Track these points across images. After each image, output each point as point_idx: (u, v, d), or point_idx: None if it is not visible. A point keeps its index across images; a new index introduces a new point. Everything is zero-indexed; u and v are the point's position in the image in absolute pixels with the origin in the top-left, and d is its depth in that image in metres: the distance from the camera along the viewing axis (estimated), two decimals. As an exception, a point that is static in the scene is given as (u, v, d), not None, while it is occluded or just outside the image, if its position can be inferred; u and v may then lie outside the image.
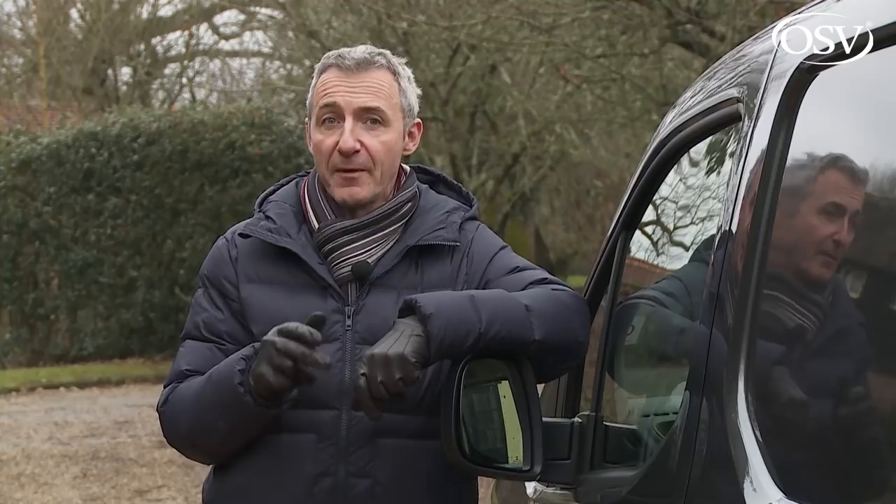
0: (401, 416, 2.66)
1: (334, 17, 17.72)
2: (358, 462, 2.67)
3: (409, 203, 2.78)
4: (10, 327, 17.67)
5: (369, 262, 2.72)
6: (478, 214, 2.88)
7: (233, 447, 2.70)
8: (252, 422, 2.64)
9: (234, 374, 2.60)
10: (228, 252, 2.79)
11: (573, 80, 13.93)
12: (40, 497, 9.01)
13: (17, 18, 25.02)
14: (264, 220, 2.78)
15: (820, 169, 1.97)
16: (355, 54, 2.76)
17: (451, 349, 2.52)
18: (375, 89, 2.74)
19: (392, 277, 2.72)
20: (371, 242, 2.74)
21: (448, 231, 2.76)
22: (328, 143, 2.73)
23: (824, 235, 1.88)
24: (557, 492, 2.84)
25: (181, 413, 2.71)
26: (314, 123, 2.77)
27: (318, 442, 2.67)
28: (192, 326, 2.78)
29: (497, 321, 2.54)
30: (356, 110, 2.73)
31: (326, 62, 2.79)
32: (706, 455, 2.02)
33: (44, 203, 16.86)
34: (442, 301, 2.55)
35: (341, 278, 2.72)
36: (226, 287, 2.76)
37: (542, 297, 2.63)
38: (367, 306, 2.69)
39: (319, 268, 2.71)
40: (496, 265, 2.75)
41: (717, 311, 2.06)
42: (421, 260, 2.75)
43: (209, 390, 2.66)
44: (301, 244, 2.73)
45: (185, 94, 25.75)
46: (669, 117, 2.71)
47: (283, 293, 2.72)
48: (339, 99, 2.73)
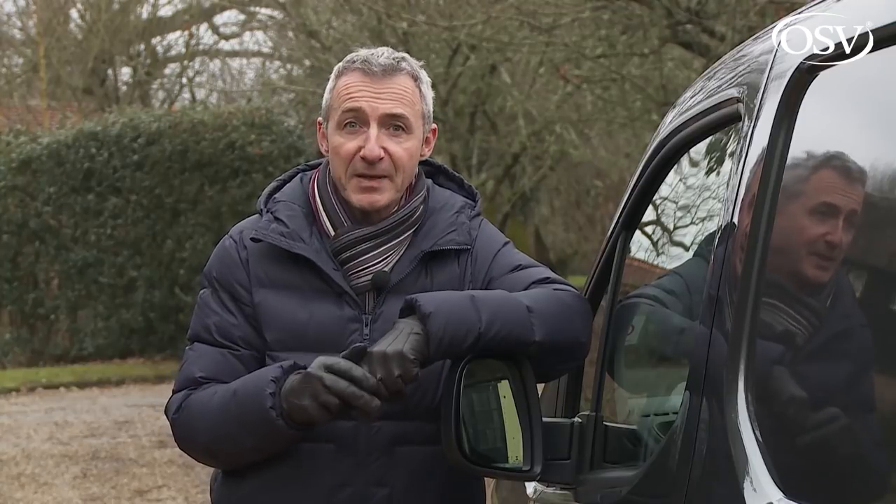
0: (416, 423, 2.66)
1: (334, 17, 17.71)
2: (377, 471, 2.66)
3: (422, 206, 2.76)
4: (10, 327, 17.67)
5: (388, 272, 2.69)
6: (481, 210, 2.87)
7: (254, 459, 2.67)
8: (281, 442, 2.61)
9: (264, 398, 2.55)
10: (238, 254, 2.73)
11: (573, 80, 13.93)
12: (40, 497, 9.00)
13: (17, 18, 25.04)
14: (275, 223, 2.72)
15: (820, 169, 1.96)
16: (381, 60, 2.70)
17: (451, 348, 2.52)
18: (400, 96, 2.70)
19: (405, 283, 2.70)
20: (388, 250, 2.71)
21: (459, 234, 2.74)
22: (349, 147, 2.68)
23: (824, 235, 1.88)
24: (557, 492, 2.84)
25: (200, 425, 2.66)
26: (333, 126, 2.72)
27: (336, 452, 2.65)
28: (201, 329, 2.73)
29: (497, 321, 2.54)
30: (381, 117, 2.68)
31: (350, 65, 2.72)
32: (706, 455, 2.02)
33: (44, 203, 16.86)
34: (442, 300, 2.54)
35: (359, 287, 2.69)
36: (237, 291, 2.71)
37: (544, 297, 2.63)
38: (385, 314, 2.66)
39: (335, 274, 2.68)
40: (499, 263, 2.74)
41: (717, 312, 2.06)
42: (431, 263, 2.73)
43: (234, 408, 2.61)
44: (315, 249, 2.69)
45: (185, 94, 25.75)
46: (669, 117, 2.70)
47: (297, 299, 2.68)
48: (365, 104, 2.68)
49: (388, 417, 2.63)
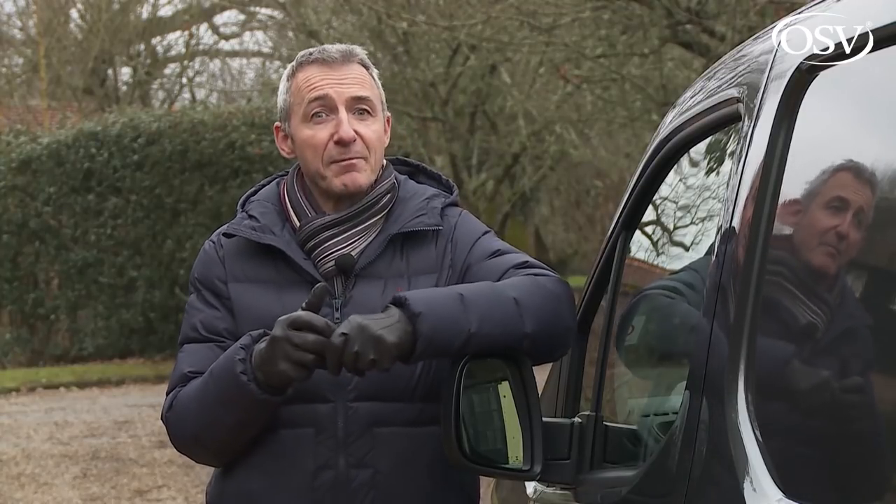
0: (396, 405, 2.68)
1: (334, 17, 17.73)
2: (357, 453, 2.68)
3: (389, 194, 2.80)
4: (10, 327, 17.68)
5: (352, 255, 2.73)
6: (458, 201, 2.89)
7: (241, 441, 2.70)
8: (259, 410, 2.63)
9: (234, 364, 2.60)
10: (216, 252, 2.82)
11: (573, 80, 13.94)
12: (40, 497, 9.01)
13: (17, 18, 25.05)
14: (248, 220, 2.81)
15: (820, 169, 1.96)
16: (334, 50, 2.79)
17: (439, 350, 2.53)
18: (361, 80, 2.78)
19: (377, 267, 2.73)
20: (353, 235, 2.75)
21: (429, 216, 2.78)
22: (321, 136, 2.75)
23: (824, 235, 1.88)
24: (557, 492, 2.85)
25: (186, 414, 2.71)
26: (298, 121, 2.78)
27: (316, 435, 2.68)
28: (188, 329, 2.79)
29: (488, 321, 2.54)
30: (348, 100, 2.75)
31: (305, 59, 2.80)
32: (706, 455, 2.02)
33: (44, 203, 16.87)
34: (431, 301, 2.54)
35: (327, 272, 2.73)
36: (218, 286, 2.77)
37: (528, 287, 2.63)
38: (355, 298, 2.70)
39: (305, 263, 2.73)
40: (478, 249, 2.77)
41: (717, 312, 2.06)
42: (405, 247, 2.76)
43: (211, 385, 2.66)
44: (285, 241, 2.76)
45: (185, 94, 25.78)
46: (669, 117, 2.71)
47: (271, 291, 2.74)
48: (331, 90, 2.75)
49: (364, 399, 2.66)
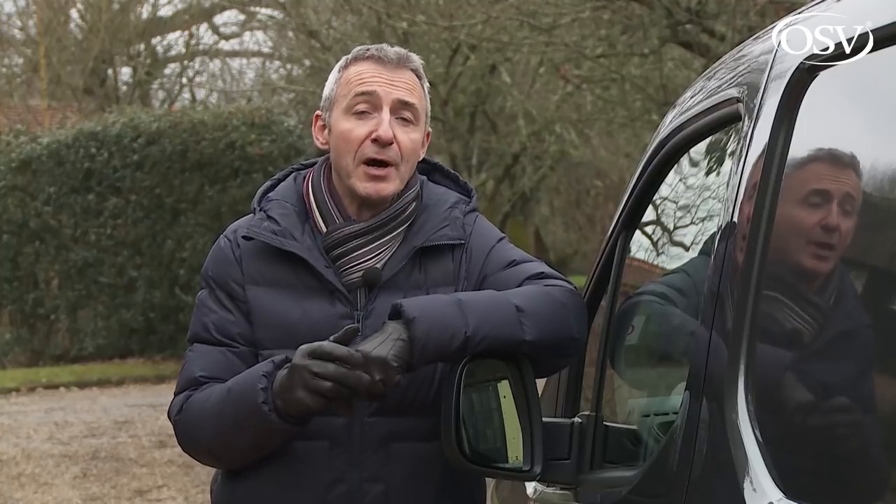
0: (412, 420, 2.66)
1: (334, 17, 17.74)
2: (372, 467, 2.66)
3: (414, 203, 2.76)
4: (10, 327, 17.68)
5: (379, 268, 2.69)
6: (477, 206, 2.86)
7: (256, 457, 2.68)
8: (277, 436, 2.61)
9: (256, 393, 2.56)
10: (233, 252, 2.74)
11: (573, 80, 13.94)
12: (40, 497, 9.01)
13: (17, 18, 25.04)
14: (267, 221, 2.73)
15: (820, 169, 1.96)
16: (391, 52, 2.74)
17: (436, 353, 2.52)
18: (411, 87, 2.73)
19: (398, 278, 2.70)
20: (380, 246, 2.71)
21: (452, 229, 2.74)
22: (359, 132, 2.69)
23: (825, 236, 1.88)
24: (557, 492, 2.84)
25: (200, 426, 2.67)
26: (341, 112, 2.72)
27: (330, 448, 2.65)
28: (200, 328, 2.73)
29: (485, 324, 2.53)
30: (394, 102, 2.70)
31: (361, 54, 2.75)
32: (706, 455, 2.02)
33: (44, 203, 16.86)
34: (426, 305, 2.54)
35: (350, 284, 2.69)
36: (233, 288, 2.71)
37: (536, 295, 2.61)
38: (377, 311, 2.66)
39: (327, 272, 2.68)
40: (493, 259, 2.74)
41: (717, 312, 2.06)
42: (424, 259, 2.73)
43: (230, 407, 2.61)
44: (307, 247, 2.70)
45: (185, 94, 25.78)
46: (669, 117, 2.70)
47: (290, 296, 2.68)
48: (379, 89, 2.70)
49: (381, 413, 2.64)
